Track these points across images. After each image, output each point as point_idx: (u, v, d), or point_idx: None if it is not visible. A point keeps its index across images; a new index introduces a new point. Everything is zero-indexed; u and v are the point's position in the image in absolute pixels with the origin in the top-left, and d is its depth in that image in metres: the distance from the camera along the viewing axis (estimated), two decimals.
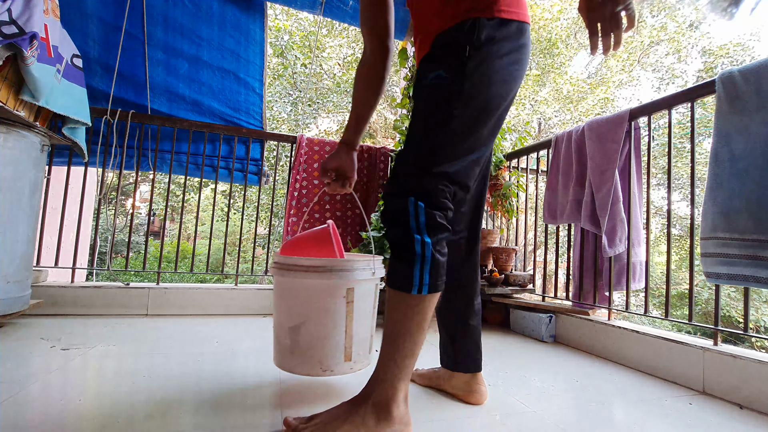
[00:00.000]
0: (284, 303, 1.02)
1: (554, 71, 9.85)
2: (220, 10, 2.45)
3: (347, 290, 1.00)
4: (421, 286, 0.83)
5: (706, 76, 8.52)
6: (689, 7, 9.30)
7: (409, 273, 0.83)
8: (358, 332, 1.03)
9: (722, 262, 1.20)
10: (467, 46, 0.85)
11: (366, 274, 1.03)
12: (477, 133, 0.89)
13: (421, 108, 0.90)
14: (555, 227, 2.25)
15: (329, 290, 0.99)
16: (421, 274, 0.83)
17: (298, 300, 0.99)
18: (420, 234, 0.83)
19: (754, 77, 1.20)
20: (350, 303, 1.00)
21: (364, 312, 1.04)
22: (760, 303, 6.36)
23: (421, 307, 0.84)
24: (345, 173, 1.12)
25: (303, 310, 0.99)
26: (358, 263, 1.02)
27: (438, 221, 0.84)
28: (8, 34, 1.37)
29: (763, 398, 1.12)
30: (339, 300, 0.99)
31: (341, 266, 0.99)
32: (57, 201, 2.25)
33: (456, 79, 0.85)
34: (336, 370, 1.00)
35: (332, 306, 0.99)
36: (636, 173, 1.74)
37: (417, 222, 0.83)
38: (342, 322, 1.00)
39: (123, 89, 2.33)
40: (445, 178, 0.85)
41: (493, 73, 0.87)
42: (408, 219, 0.83)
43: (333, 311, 0.99)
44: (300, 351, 0.99)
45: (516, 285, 2.16)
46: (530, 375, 1.35)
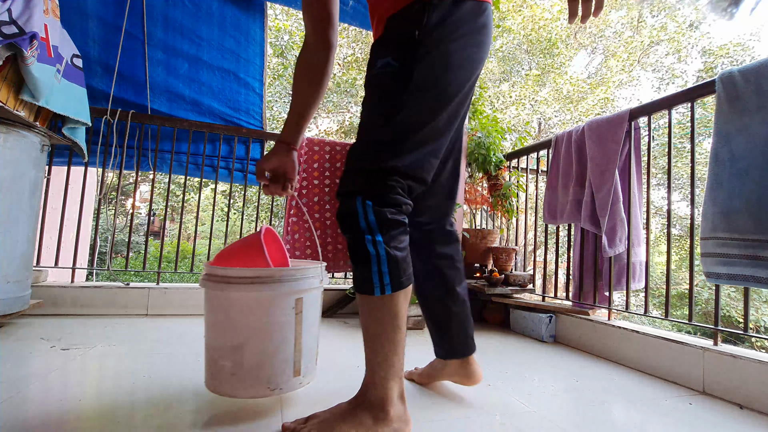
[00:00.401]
0: (224, 320, 0.91)
1: (554, 71, 9.85)
2: (220, 10, 2.45)
3: (296, 300, 0.93)
4: (383, 287, 0.80)
5: (706, 76, 8.52)
6: (689, 7, 9.30)
7: (368, 275, 0.81)
8: (306, 344, 0.97)
9: (722, 262, 1.20)
10: (416, 30, 0.81)
11: (314, 282, 0.97)
12: (431, 123, 0.84)
13: (368, 99, 0.85)
14: (555, 227, 2.25)
15: (278, 302, 0.91)
16: (380, 275, 0.80)
17: (243, 315, 0.90)
18: (371, 233, 0.80)
19: (754, 77, 1.20)
20: (299, 314, 0.94)
21: (311, 322, 0.99)
22: (760, 303, 6.36)
23: (389, 306, 0.81)
24: (285, 174, 1.03)
25: (249, 325, 0.90)
26: (307, 271, 0.96)
27: (389, 218, 0.81)
28: (8, 34, 1.37)
29: (763, 398, 1.12)
30: (288, 311, 0.92)
31: (290, 275, 0.92)
32: (57, 201, 2.25)
33: (405, 67, 0.81)
34: (285, 387, 0.92)
35: (282, 318, 0.91)
36: (636, 173, 1.74)
37: (367, 221, 0.80)
38: (291, 335, 0.93)
39: (123, 89, 2.33)
40: (396, 173, 0.82)
41: (447, 57, 0.83)
42: (357, 220, 0.80)
43: (282, 324, 0.92)
44: (244, 372, 0.89)
45: (516, 285, 2.16)
46: (530, 375, 1.35)
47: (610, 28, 10.38)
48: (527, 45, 9.91)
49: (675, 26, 9.55)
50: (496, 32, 9.58)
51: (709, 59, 8.90)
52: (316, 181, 2.39)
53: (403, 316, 0.83)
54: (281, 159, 1.02)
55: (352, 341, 1.69)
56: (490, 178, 2.55)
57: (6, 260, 1.50)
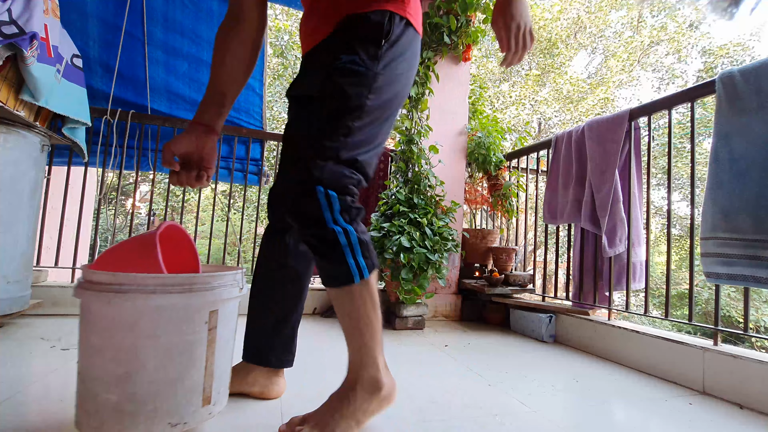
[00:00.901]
0: (110, 341, 0.71)
1: (554, 71, 9.85)
2: (220, 10, 2.45)
3: (210, 314, 0.77)
4: (361, 272, 0.80)
5: (706, 76, 8.52)
6: (689, 7, 9.30)
7: (345, 267, 0.79)
8: (220, 365, 0.81)
9: (722, 262, 1.20)
10: (382, 39, 0.83)
11: (233, 291, 0.82)
12: (381, 126, 0.87)
13: (333, 88, 0.82)
14: (555, 227, 2.25)
15: (187, 315, 0.74)
16: (356, 261, 0.80)
17: (137, 333, 0.71)
18: (338, 224, 0.78)
19: (754, 77, 1.20)
20: (213, 330, 0.78)
21: (227, 338, 0.84)
22: (760, 303, 6.35)
23: (368, 288, 0.82)
24: (201, 160, 0.89)
25: (145, 346, 0.71)
26: (224, 277, 0.81)
27: (351, 204, 0.81)
28: (8, 34, 1.37)
29: (763, 398, 1.12)
30: (199, 327, 0.76)
31: (203, 283, 0.76)
32: (57, 201, 2.25)
33: (371, 68, 0.82)
34: (191, 420, 0.76)
35: (190, 336, 0.74)
36: (636, 173, 1.74)
37: (332, 211, 0.78)
38: (201, 355, 0.76)
39: (123, 89, 2.33)
40: (353, 166, 0.82)
41: (398, 72, 0.87)
42: (321, 212, 0.77)
43: (190, 343, 0.75)
44: (135, 406, 0.70)
45: (516, 285, 2.16)
46: (530, 375, 1.35)
47: (610, 28, 10.37)
48: None
49: (675, 26, 9.55)
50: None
51: (709, 59, 8.91)
52: None
53: (377, 292, 0.85)
54: (197, 141, 0.88)
55: None
56: (490, 178, 2.55)
57: (6, 260, 1.50)
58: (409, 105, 2.24)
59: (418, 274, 1.94)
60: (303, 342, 1.65)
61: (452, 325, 2.17)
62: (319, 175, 0.77)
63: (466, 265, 2.47)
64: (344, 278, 0.80)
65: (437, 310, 2.31)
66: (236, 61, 0.92)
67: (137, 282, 0.70)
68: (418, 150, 2.18)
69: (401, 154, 2.22)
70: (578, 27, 10.16)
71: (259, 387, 1.01)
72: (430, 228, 1.98)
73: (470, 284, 2.26)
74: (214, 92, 0.91)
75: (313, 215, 0.77)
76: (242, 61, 0.93)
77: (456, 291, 2.38)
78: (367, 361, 0.84)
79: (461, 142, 2.50)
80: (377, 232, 1.97)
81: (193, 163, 0.89)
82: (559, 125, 9.95)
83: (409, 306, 1.99)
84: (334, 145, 0.80)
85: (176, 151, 0.86)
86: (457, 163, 2.48)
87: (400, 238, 1.88)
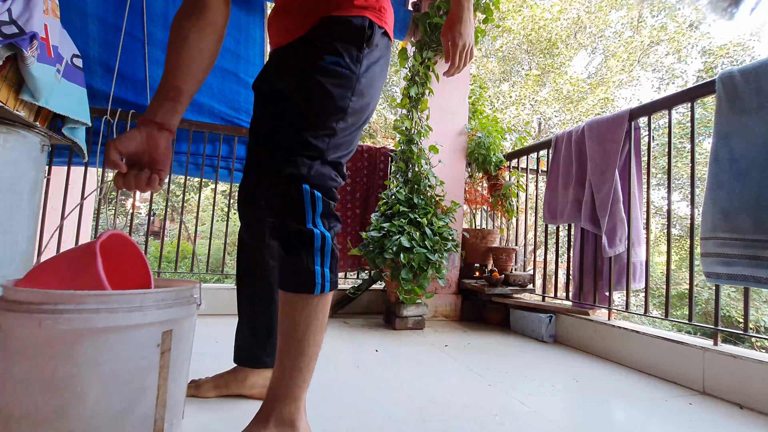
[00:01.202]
0: (40, 370, 0.60)
1: (554, 71, 9.85)
2: None
3: (163, 335, 0.68)
4: (323, 285, 0.74)
5: (706, 76, 8.52)
6: (689, 7, 9.30)
7: (311, 271, 0.73)
8: (174, 392, 0.71)
9: (722, 262, 1.20)
10: (363, 43, 0.82)
11: (190, 309, 0.73)
12: (357, 132, 0.87)
13: (318, 87, 0.79)
14: (555, 227, 2.25)
15: (136, 338, 0.65)
16: (323, 271, 0.74)
17: (75, 361, 0.60)
18: (317, 226, 0.75)
19: (754, 77, 1.20)
20: (166, 353, 0.68)
21: (181, 361, 0.74)
22: (760, 303, 6.35)
23: (323, 304, 0.76)
24: (152, 161, 0.77)
25: (84, 376, 0.61)
26: (179, 294, 0.71)
27: (333, 212, 0.78)
28: (8, 34, 1.37)
29: (763, 398, 1.12)
30: (150, 351, 0.66)
31: (155, 300, 0.66)
32: (57, 201, 2.25)
33: (354, 71, 0.82)
34: None
35: (139, 362, 0.65)
36: (636, 173, 1.74)
37: (314, 212, 0.74)
38: (153, 383, 0.67)
39: (123, 89, 2.33)
40: (336, 169, 0.81)
41: (374, 78, 0.87)
42: (304, 209, 0.74)
43: (140, 369, 0.65)
44: None
45: (516, 285, 2.16)
46: (530, 375, 1.35)
47: (610, 28, 10.37)
48: (527, 45, 9.91)
49: (675, 26, 9.55)
50: (497, 32, 9.58)
51: (709, 59, 8.90)
52: None
53: (327, 316, 0.79)
54: (148, 140, 0.76)
55: (350, 341, 1.69)
56: (490, 178, 2.55)
57: (6, 260, 1.50)
58: (409, 105, 2.24)
59: (418, 274, 1.94)
60: None
61: (452, 325, 2.17)
62: (306, 173, 0.75)
63: (466, 265, 2.47)
64: (306, 284, 0.73)
65: (437, 310, 2.31)
66: (194, 53, 0.82)
67: (75, 300, 0.60)
68: (418, 150, 2.18)
69: (401, 154, 2.22)
70: (578, 27, 10.16)
71: (258, 389, 1.01)
72: (430, 228, 1.98)
73: (470, 284, 2.26)
74: (168, 86, 0.80)
75: (294, 208, 0.74)
76: (202, 54, 0.83)
77: (456, 291, 2.38)
78: (290, 393, 0.74)
79: (461, 142, 2.50)
80: (377, 232, 1.97)
81: (143, 164, 0.77)
82: (559, 125, 9.95)
83: (409, 306, 1.99)
84: (320, 145, 0.77)
85: (123, 151, 0.73)
86: (457, 163, 2.48)
87: (400, 238, 1.88)
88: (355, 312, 2.31)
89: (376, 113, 9.19)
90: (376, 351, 1.56)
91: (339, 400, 1.04)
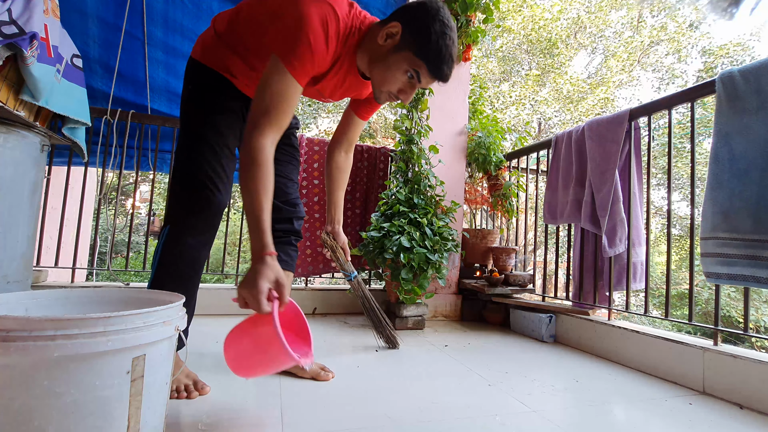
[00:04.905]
0: None
1: (554, 71, 9.85)
2: (220, 10, 2.45)
3: (134, 360, 0.63)
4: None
5: (706, 76, 8.51)
6: (689, 7, 9.30)
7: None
8: (149, 420, 0.66)
9: (722, 262, 1.20)
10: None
11: (167, 330, 0.67)
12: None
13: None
14: (555, 227, 2.25)
15: (100, 366, 0.59)
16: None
17: (32, 392, 0.56)
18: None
19: (754, 77, 1.20)
20: (138, 380, 0.63)
21: (158, 387, 0.68)
22: (760, 303, 6.35)
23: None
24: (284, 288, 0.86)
25: (42, 408, 0.56)
26: (151, 315, 0.65)
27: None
28: (8, 34, 1.37)
29: (763, 398, 1.12)
30: (117, 379, 0.61)
31: (122, 324, 0.61)
32: (57, 201, 2.25)
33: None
34: None
35: (105, 391, 0.60)
36: (636, 173, 1.74)
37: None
38: (122, 413, 0.62)
39: (123, 89, 2.33)
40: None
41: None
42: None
43: (106, 399, 0.60)
44: None
45: (516, 285, 2.16)
46: (530, 375, 1.35)
47: (610, 28, 10.37)
48: (527, 45, 9.91)
49: (675, 26, 9.55)
50: (497, 32, 9.57)
51: (709, 59, 8.90)
52: (316, 181, 2.39)
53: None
54: (278, 271, 0.86)
55: (350, 341, 1.69)
56: (490, 178, 2.55)
57: (6, 260, 1.50)
58: (409, 105, 2.24)
59: (418, 274, 1.94)
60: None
61: (452, 325, 2.17)
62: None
63: (466, 265, 2.47)
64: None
65: (437, 310, 2.31)
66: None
67: (30, 327, 0.56)
68: (418, 150, 2.18)
69: (401, 154, 2.22)
70: (578, 27, 10.16)
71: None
72: (430, 228, 1.98)
73: (470, 284, 2.26)
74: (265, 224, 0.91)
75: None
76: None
77: (456, 291, 2.38)
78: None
79: (461, 142, 2.50)
80: (377, 232, 1.97)
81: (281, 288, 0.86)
82: (559, 125, 9.95)
83: (409, 306, 1.99)
84: None
85: (271, 285, 0.83)
86: (457, 163, 2.48)
87: (400, 238, 1.88)
88: (355, 312, 2.31)
89: (376, 113, 9.17)
90: (376, 351, 1.56)
91: (339, 400, 1.04)
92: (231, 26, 1.08)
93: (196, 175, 1.05)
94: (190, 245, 1.06)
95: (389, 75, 0.99)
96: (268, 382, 1.14)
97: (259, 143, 0.89)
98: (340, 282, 2.85)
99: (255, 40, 1.04)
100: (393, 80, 0.99)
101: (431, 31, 0.93)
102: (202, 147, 1.06)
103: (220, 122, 1.09)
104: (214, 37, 1.10)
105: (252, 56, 1.07)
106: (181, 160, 1.08)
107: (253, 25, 1.04)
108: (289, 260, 1.28)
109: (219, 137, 1.08)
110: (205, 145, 1.07)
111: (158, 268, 1.04)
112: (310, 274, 2.32)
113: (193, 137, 1.08)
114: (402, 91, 1.02)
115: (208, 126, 1.08)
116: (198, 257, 1.10)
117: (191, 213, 1.05)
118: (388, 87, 1.01)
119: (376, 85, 1.03)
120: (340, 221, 1.39)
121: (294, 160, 1.32)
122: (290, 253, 1.29)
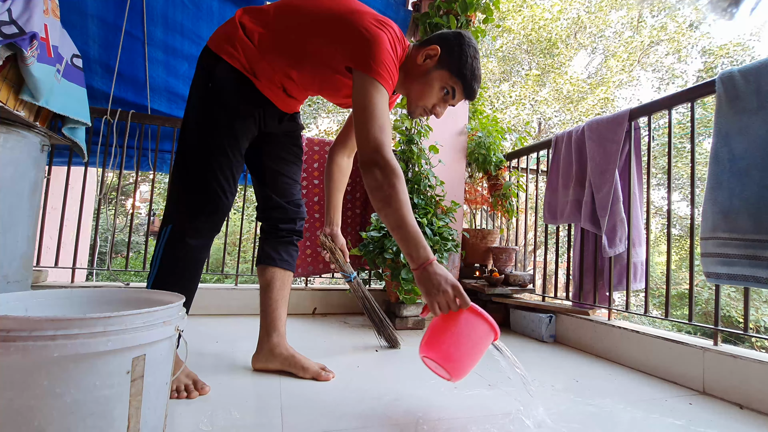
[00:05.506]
0: None
1: (554, 71, 9.85)
2: (220, 10, 2.45)
3: (133, 361, 0.63)
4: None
5: (706, 76, 8.51)
6: (689, 7, 9.30)
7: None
8: (149, 420, 0.66)
9: (722, 262, 1.20)
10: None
11: (167, 330, 0.67)
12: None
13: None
14: (555, 227, 2.25)
15: (101, 366, 0.60)
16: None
17: (32, 392, 0.56)
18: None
19: (754, 77, 1.20)
20: (138, 380, 0.63)
21: (158, 387, 0.68)
22: (760, 303, 6.35)
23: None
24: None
25: (42, 408, 0.56)
26: (152, 315, 0.65)
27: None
28: (8, 34, 1.37)
29: (763, 398, 1.12)
30: (118, 379, 0.61)
31: (122, 324, 0.61)
32: (57, 201, 2.25)
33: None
34: None
35: (105, 391, 0.60)
36: (636, 173, 1.74)
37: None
38: (122, 413, 0.62)
39: (123, 89, 2.33)
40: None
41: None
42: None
43: (106, 399, 0.60)
44: None
45: (516, 285, 2.16)
46: (530, 375, 1.35)
47: (610, 28, 10.37)
48: (527, 45, 9.91)
49: (675, 26, 9.55)
50: (497, 32, 9.57)
51: (709, 59, 8.90)
52: (316, 181, 2.39)
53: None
54: (447, 272, 1.02)
55: (351, 341, 1.69)
56: (490, 178, 2.55)
57: (6, 260, 1.50)
58: None
59: None
60: (302, 341, 1.65)
61: None
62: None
63: (466, 265, 2.46)
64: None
65: None
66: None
67: (30, 327, 0.56)
68: (418, 150, 2.18)
69: (401, 154, 2.22)
70: (578, 27, 10.16)
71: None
72: (430, 228, 1.98)
73: (470, 284, 2.26)
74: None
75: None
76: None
77: None
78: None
79: (461, 142, 2.50)
80: (377, 232, 1.97)
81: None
82: (559, 125, 9.95)
83: (409, 306, 1.99)
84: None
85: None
86: (457, 163, 2.48)
87: None
88: (355, 312, 2.31)
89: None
90: (376, 351, 1.56)
91: (339, 400, 1.05)
92: (268, 30, 1.06)
93: (210, 183, 1.06)
94: (193, 247, 1.07)
95: (427, 90, 1.09)
96: (269, 382, 1.14)
97: (392, 158, 0.93)
98: (340, 282, 2.85)
99: (298, 49, 1.05)
100: (430, 95, 1.10)
101: (467, 54, 1.07)
102: (219, 156, 1.07)
103: (238, 128, 1.10)
104: (241, 35, 1.07)
105: (289, 65, 1.08)
106: (193, 163, 1.07)
107: (300, 35, 1.04)
108: (291, 260, 1.30)
109: (235, 143, 1.09)
110: (222, 155, 1.07)
111: (160, 268, 1.05)
112: (310, 274, 2.32)
113: (210, 143, 1.07)
114: (436, 107, 1.12)
115: (227, 132, 1.08)
116: (200, 258, 1.11)
117: (198, 217, 1.06)
118: (424, 102, 1.10)
119: (413, 100, 1.12)
120: (338, 223, 1.40)
121: (298, 161, 1.33)
122: (292, 253, 1.30)
